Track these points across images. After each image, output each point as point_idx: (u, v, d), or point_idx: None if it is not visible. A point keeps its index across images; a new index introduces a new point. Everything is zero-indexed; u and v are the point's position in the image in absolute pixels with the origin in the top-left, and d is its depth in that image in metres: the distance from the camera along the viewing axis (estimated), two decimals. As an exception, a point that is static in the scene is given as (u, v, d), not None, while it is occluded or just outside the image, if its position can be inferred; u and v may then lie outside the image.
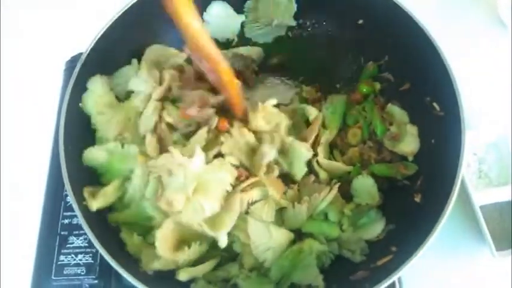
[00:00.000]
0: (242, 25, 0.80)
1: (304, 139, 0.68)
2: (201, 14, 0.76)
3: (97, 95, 0.68)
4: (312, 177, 0.66)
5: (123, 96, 0.71)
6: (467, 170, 0.75)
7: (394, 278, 0.53)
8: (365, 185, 0.65)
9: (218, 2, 0.77)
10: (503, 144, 0.76)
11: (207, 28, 0.75)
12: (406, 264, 0.52)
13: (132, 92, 0.69)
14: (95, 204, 0.60)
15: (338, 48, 0.79)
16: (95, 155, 0.64)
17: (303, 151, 0.65)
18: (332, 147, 0.71)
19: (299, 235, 0.64)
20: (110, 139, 0.67)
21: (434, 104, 0.64)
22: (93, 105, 0.67)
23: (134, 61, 0.73)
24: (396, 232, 0.62)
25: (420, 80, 0.67)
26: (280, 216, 0.64)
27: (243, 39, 0.81)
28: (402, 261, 0.52)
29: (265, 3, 0.78)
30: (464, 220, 0.73)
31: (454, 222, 0.72)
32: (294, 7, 0.78)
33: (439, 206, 0.54)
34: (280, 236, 0.62)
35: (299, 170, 0.65)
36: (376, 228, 0.63)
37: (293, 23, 0.79)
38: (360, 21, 0.75)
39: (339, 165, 0.68)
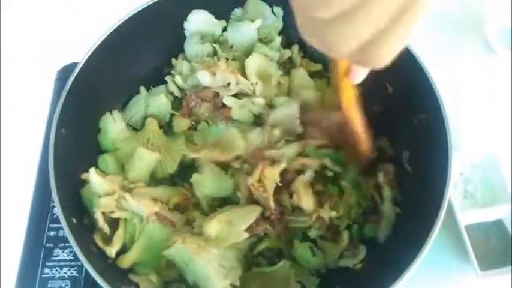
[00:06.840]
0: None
1: None
2: (182, 23, 0.77)
3: (113, 133, 0.69)
4: None
5: (140, 126, 0.73)
6: (453, 190, 0.76)
7: (380, 299, 0.53)
8: None
9: (199, 11, 0.77)
10: (489, 165, 0.77)
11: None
12: (393, 286, 0.52)
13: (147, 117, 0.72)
14: (114, 250, 0.59)
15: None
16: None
17: None
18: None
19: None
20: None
21: (422, 127, 0.65)
22: (110, 143, 0.69)
23: (142, 89, 0.74)
24: (383, 253, 0.62)
25: (409, 104, 0.68)
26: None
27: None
28: (389, 283, 0.52)
29: (254, 9, 0.78)
30: (449, 240, 0.73)
31: (439, 242, 0.71)
32: (280, 24, 0.78)
33: (425, 228, 0.55)
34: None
35: None
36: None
37: (278, 39, 0.79)
38: None
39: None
